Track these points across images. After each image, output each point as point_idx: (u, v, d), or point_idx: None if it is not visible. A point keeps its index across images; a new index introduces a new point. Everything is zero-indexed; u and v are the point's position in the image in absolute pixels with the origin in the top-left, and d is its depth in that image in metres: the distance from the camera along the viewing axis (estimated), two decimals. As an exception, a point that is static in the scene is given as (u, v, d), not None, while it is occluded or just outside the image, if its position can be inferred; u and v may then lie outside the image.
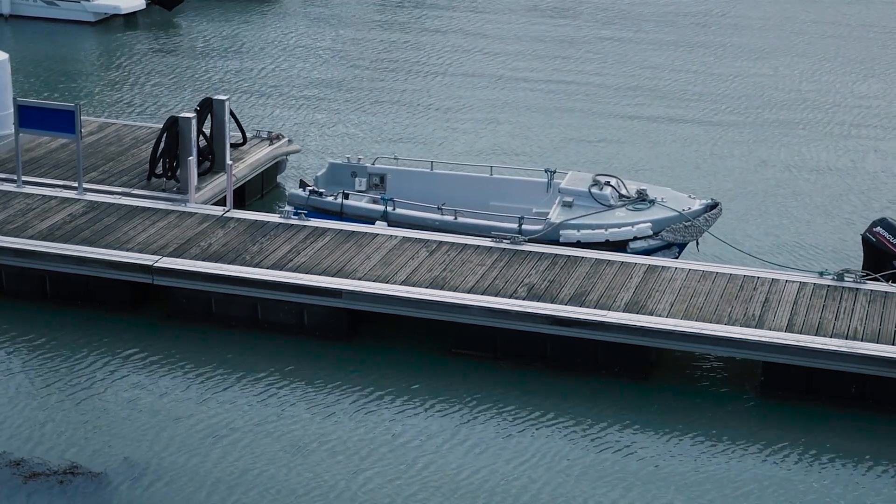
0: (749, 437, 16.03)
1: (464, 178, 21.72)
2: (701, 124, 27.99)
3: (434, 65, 32.23)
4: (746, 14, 38.20)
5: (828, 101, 29.92)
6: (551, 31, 35.78)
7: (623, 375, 17.18)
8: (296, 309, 18.01)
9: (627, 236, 19.60)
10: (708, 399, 16.88)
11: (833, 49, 34.55)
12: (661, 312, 17.23)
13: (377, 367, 17.37)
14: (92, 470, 15.01)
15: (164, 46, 33.36)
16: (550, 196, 20.78)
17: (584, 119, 28.18)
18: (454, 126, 27.56)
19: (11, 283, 18.96)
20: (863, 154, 26.43)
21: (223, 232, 19.43)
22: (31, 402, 16.44)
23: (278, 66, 31.71)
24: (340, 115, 28.14)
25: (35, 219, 19.68)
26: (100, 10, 35.03)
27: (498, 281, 17.99)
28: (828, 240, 21.99)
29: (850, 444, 15.99)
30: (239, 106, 27.54)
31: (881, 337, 16.74)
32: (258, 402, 16.52)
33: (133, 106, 28.36)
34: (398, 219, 20.17)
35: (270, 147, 23.07)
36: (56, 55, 32.38)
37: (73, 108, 20.38)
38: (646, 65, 32.52)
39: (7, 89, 22.83)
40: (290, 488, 14.86)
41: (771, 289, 17.92)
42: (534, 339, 17.34)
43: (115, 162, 22.16)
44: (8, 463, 15.11)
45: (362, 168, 21.75)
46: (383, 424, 16.09)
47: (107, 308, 18.64)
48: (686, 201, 20.28)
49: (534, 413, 16.41)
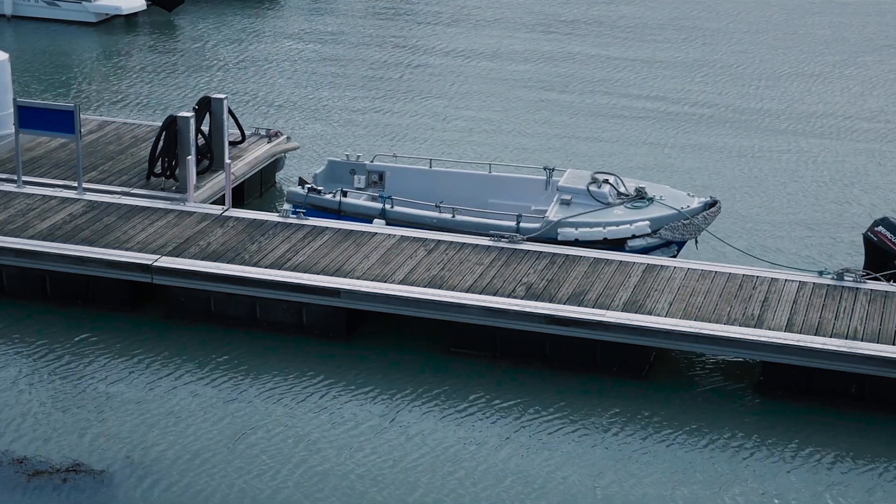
0: (748, 437, 16.01)
1: (462, 176, 21.69)
2: (700, 123, 27.96)
3: (433, 62, 32.21)
4: (747, 13, 38.18)
5: (828, 101, 29.89)
6: (550, 30, 35.76)
7: (622, 375, 17.17)
8: (294, 308, 18.01)
9: (626, 234, 19.57)
10: (707, 399, 16.87)
11: (834, 48, 34.52)
12: (659, 312, 17.21)
13: (375, 367, 17.37)
14: (94, 468, 15.04)
15: (163, 46, 33.35)
16: (549, 194, 20.75)
17: (582, 117, 28.16)
18: (453, 124, 27.53)
19: (12, 283, 18.97)
20: (864, 153, 26.38)
21: (222, 231, 19.42)
22: (33, 401, 16.45)
23: (277, 65, 31.70)
24: (339, 112, 28.13)
25: (35, 219, 19.69)
26: (101, 10, 35.05)
27: (496, 280, 17.98)
28: (829, 239, 21.95)
29: (850, 444, 15.96)
30: (237, 104, 27.52)
31: (881, 337, 16.71)
32: (257, 401, 16.52)
33: (133, 105, 28.36)
34: (396, 216, 20.16)
35: (269, 145, 23.05)
36: (57, 55, 32.37)
37: (73, 109, 20.39)
38: (645, 63, 32.49)
39: (7, 90, 22.81)
40: (290, 487, 14.87)
41: (770, 288, 17.90)
42: (532, 339, 17.32)
43: (114, 161, 22.16)
44: (11, 461, 15.15)
45: (361, 166, 21.74)
46: (382, 424, 16.09)
47: (106, 307, 18.66)
48: (685, 199, 20.25)
49: (532, 412, 16.40)
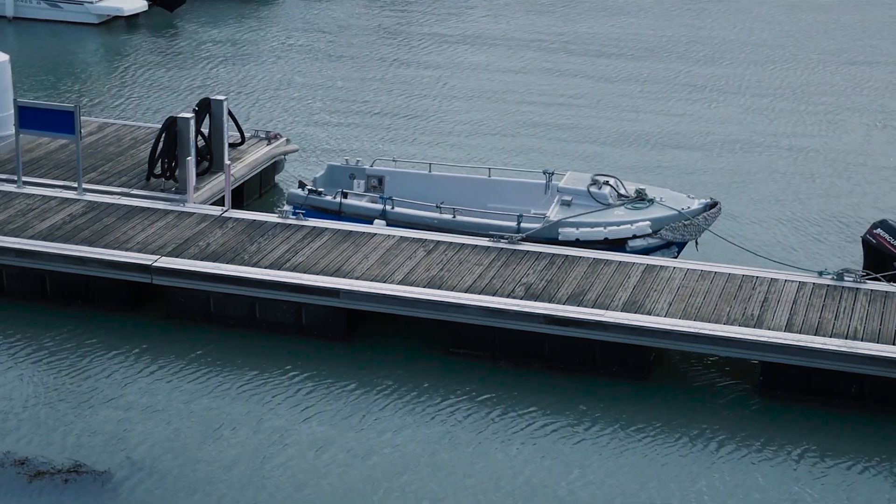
0: (748, 437, 15.99)
1: (462, 180, 21.67)
2: (700, 124, 27.96)
3: (433, 66, 32.22)
4: (748, 11, 38.19)
5: (828, 100, 29.89)
6: (550, 29, 35.76)
7: (621, 375, 17.16)
8: (294, 308, 18.01)
9: (626, 234, 19.57)
10: (706, 399, 16.85)
11: (833, 47, 34.52)
12: (659, 312, 17.20)
13: (375, 367, 17.36)
14: (96, 469, 15.04)
15: (164, 47, 33.38)
16: (549, 197, 20.74)
17: (582, 119, 28.16)
18: (452, 127, 27.53)
19: (12, 283, 18.98)
20: (863, 154, 26.39)
21: (221, 232, 19.43)
22: (34, 401, 16.45)
23: (277, 67, 31.71)
24: (339, 115, 28.13)
25: (35, 219, 19.70)
26: (103, 11, 35.11)
27: (496, 280, 17.98)
28: (827, 242, 21.94)
29: (850, 444, 15.94)
30: (237, 106, 27.53)
31: (881, 337, 16.70)
32: (257, 402, 16.51)
33: (133, 106, 28.37)
34: (397, 217, 20.16)
35: (269, 147, 23.06)
36: (58, 56, 32.39)
37: (73, 109, 20.40)
38: (645, 62, 32.50)
39: (7, 90, 22.81)
40: (290, 487, 14.86)
41: (770, 288, 17.89)
42: (532, 339, 17.31)
43: (114, 162, 22.17)
44: (13, 462, 15.14)
45: (361, 170, 21.72)
46: (381, 424, 16.08)
47: (106, 307, 18.66)
48: (685, 201, 20.27)
49: (531, 413, 16.39)
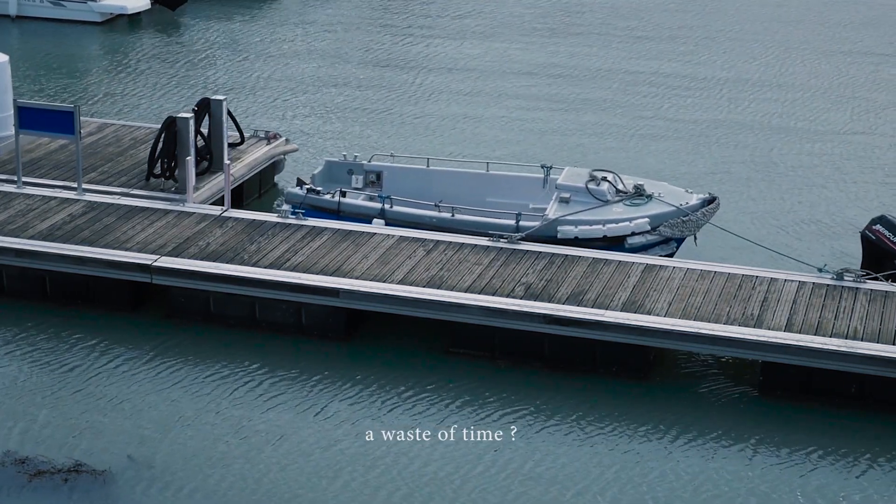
0: (748, 437, 15.98)
1: (460, 175, 21.67)
2: (698, 120, 27.95)
3: (430, 62, 32.20)
4: (747, 11, 38.18)
5: (827, 100, 29.87)
6: (548, 25, 35.75)
7: (621, 375, 17.14)
8: (293, 308, 18.01)
9: (625, 231, 19.55)
10: (706, 399, 16.84)
11: (833, 45, 34.49)
12: (659, 312, 17.19)
13: (375, 367, 17.35)
14: (95, 468, 15.04)
15: (165, 46, 33.38)
16: (547, 192, 20.74)
17: (580, 114, 28.14)
18: (450, 123, 27.53)
19: (12, 283, 18.98)
20: (863, 150, 26.37)
21: (221, 231, 19.43)
22: (34, 401, 16.45)
23: (277, 66, 31.70)
24: (338, 113, 28.12)
25: (35, 219, 19.70)
26: (106, 10, 35.12)
27: (495, 280, 17.97)
28: (826, 237, 21.93)
29: (850, 444, 15.93)
30: (237, 105, 27.52)
31: (881, 337, 16.68)
32: (257, 401, 16.51)
33: (133, 106, 28.36)
34: (395, 216, 20.16)
35: (268, 147, 23.05)
36: (61, 55, 32.39)
37: (73, 110, 20.40)
38: (644, 59, 32.48)
39: (7, 91, 22.80)
40: (290, 487, 14.86)
41: (770, 288, 17.87)
42: (531, 339, 17.30)
43: (114, 162, 22.17)
44: (13, 461, 15.15)
45: (359, 165, 21.73)
46: (381, 424, 16.08)
47: (106, 307, 18.66)
48: (684, 196, 20.25)
49: (531, 413, 16.38)
